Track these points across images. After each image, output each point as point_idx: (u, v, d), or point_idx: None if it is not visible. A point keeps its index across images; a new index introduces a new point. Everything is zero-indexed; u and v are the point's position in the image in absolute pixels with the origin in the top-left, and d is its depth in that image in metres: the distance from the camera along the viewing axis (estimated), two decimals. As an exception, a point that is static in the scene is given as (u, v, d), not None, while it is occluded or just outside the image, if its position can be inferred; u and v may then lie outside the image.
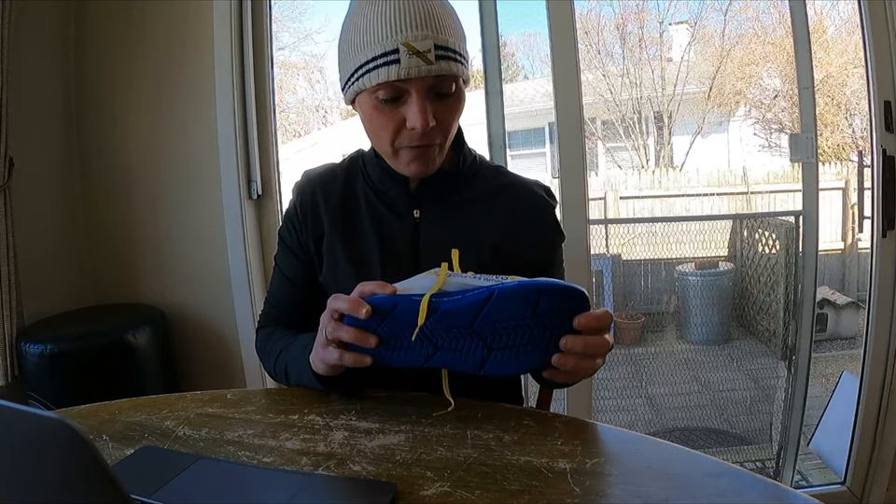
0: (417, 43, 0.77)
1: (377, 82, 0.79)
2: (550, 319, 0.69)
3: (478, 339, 0.71)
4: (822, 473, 2.22)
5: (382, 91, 0.80)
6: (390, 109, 0.82)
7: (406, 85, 0.80)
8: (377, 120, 0.84)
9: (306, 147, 6.30)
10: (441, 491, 0.63)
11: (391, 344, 0.73)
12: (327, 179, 0.99)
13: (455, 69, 0.81)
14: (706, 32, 6.28)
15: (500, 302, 0.69)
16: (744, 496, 0.61)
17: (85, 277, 2.02)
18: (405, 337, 0.72)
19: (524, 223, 0.95)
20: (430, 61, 0.78)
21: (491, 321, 0.70)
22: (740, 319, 3.97)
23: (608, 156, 6.59)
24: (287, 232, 1.01)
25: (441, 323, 0.71)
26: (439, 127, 0.83)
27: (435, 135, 0.84)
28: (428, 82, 0.80)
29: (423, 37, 0.78)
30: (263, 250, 1.96)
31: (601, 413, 3.26)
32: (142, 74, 1.94)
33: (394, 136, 0.84)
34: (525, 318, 0.69)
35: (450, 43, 0.80)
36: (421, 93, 0.80)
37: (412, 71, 0.78)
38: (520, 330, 0.70)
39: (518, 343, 0.71)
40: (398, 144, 0.85)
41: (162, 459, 0.70)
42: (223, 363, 2.01)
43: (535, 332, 0.70)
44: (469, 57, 0.87)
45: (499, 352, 0.71)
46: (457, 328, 0.71)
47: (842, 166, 5.41)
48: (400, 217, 0.94)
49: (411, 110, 0.81)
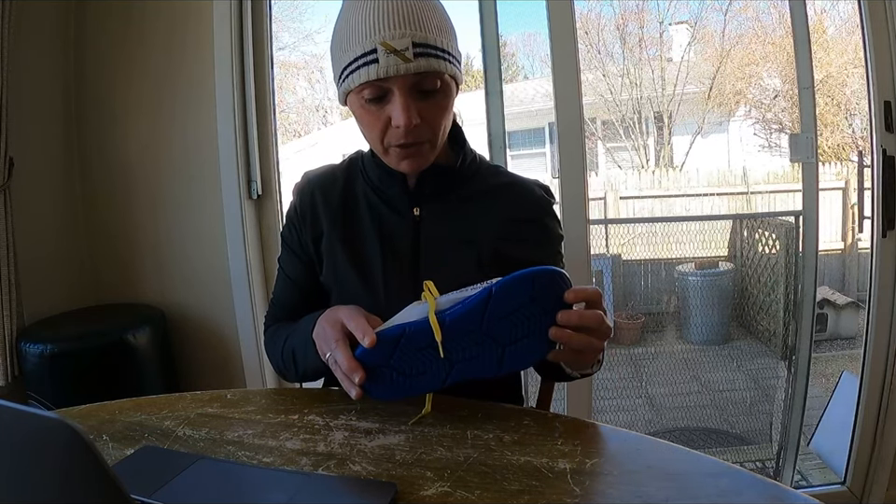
0: (395, 42, 0.78)
1: (359, 82, 0.80)
2: (548, 303, 0.72)
3: (489, 340, 0.73)
4: (822, 473, 2.22)
5: (366, 90, 0.81)
6: (376, 108, 0.83)
7: (388, 84, 0.80)
8: (365, 120, 0.85)
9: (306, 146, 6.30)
10: (441, 491, 0.63)
11: (407, 373, 0.74)
12: (326, 180, 0.99)
13: (437, 66, 0.81)
14: (706, 32, 6.28)
15: (501, 296, 0.71)
16: (744, 496, 0.61)
17: (85, 277, 2.02)
18: (419, 362, 0.73)
19: (523, 222, 0.95)
20: (408, 59, 0.78)
21: (497, 318, 0.72)
22: (740, 319, 3.97)
23: (608, 156, 6.59)
24: (288, 233, 1.01)
25: (451, 334, 0.72)
26: (426, 124, 0.83)
27: (423, 133, 0.84)
28: (410, 80, 0.80)
29: (400, 35, 0.78)
30: (263, 250, 1.96)
31: (601, 412, 3.26)
32: (142, 74, 1.94)
33: (382, 135, 0.85)
34: (526, 306, 0.72)
35: (430, 40, 0.80)
36: (403, 91, 0.80)
37: (390, 70, 0.78)
38: (525, 320, 0.72)
39: (527, 332, 0.72)
40: (387, 142, 0.85)
41: (162, 459, 0.70)
42: (223, 363, 2.01)
43: (539, 319, 0.72)
44: (460, 53, 0.87)
45: (512, 346, 0.73)
46: (468, 334, 0.72)
47: (842, 166, 5.41)
48: (401, 215, 0.94)
49: (394, 109, 0.81)
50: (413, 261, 0.93)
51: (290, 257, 1.01)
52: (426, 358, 0.73)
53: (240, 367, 1.98)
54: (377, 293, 0.91)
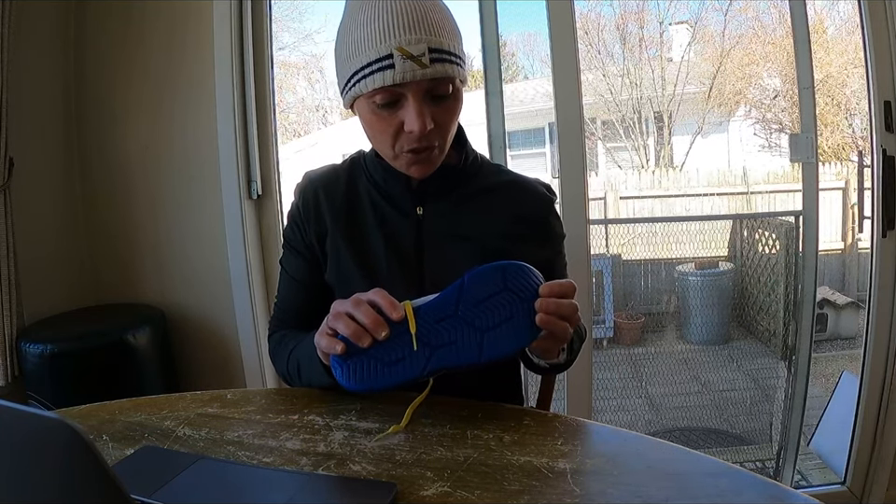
0: (411, 47, 0.77)
1: (373, 88, 0.80)
2: (523, 292, 0.75)
3: (466, 325, 0.74)
4: (822, 473, 2.22)
5: (379, 96, 0.81)
6: (388, 114, 0.82)
7: (402, 89, 0.80)
8: (376, 125, 0.85)
9: (306, 146, 6.30)
10: (441, 491, 0.63)
11: (387, 360, 0.74)
12: (329, 179, 0.99)
13: (451, 71, 0.81)
14: (706, 32, 6.27)
15: (473, 284, 0.75)
16: (744, 496, 0.61)
17: (85, 277, 2.02)
18: (398, 349, 0.74)
19: (525, 220, 0.95)
20: (425, 64, 0.78)
21: (472, 304, 0.74)
22: (740, 319, 3.97)
23: (608, 156, 6.59)
24: (291, 233, 1.01)
25: (427, 319, 0.74)
26: (437, 129, 0.83)
27: (434, 138, 0.84)
28: (424, 85, 0.80)
29: (416, 41, 0.78)
30: (263, 250, 1.96)
31: (601, 412, 3.26)
32: (142, 74, 1.94)
33: (393, 140, 0.84)
34: (500, 293, 0.74)
35: (444, 45, 0.80)
36: (418, 97, 0.80)
37: (406, 75, 0.78)
38: (501, 306, 0.74)
39: (503, 318, 0.74)
40: (398, 147, 0.85)
41: (162, 459, 0.70)
42: (223, 363, 2.01)
43: (515, 306, 0.74)
44: (467, 57, 0.87)
45: (490, 332, 0.74)
46: (444, 319, 0.74)
47: (842, 166, 5.41)
48: (404, 213, 0.94)
49: (408, 114, 0.81)
50: (416, 260, 0.93)
51: (294, 257, 1.01)
52: (403, 344, 0.74)
53: (240, 367, 1.98)
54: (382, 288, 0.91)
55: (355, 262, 0.94)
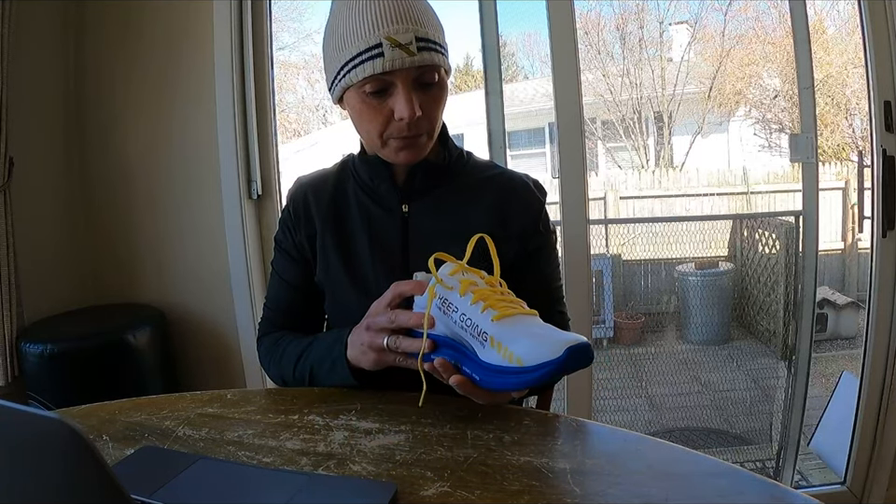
0: (399, 36, 0.81)
1: (363, 76, 0.82)
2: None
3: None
4: (822, 473, 2.22)
5: (369, 84, 0.83)
6: (378, 102, 0.85)
7: (391, 77, 0.83)
8: (366, 114, 0.87)
9: (306, 146, 6.29)
10: (441, 491, 0.63)
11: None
12: (318, 183, 1.02)
13: (437, 59, 0.84)
14: (706, 32, 6.27)
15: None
16: (744, 496, 0.61)
17: (85, 277, 2.02)
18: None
19: (511, 215, 0.96)
20: (413, 52, 0.81)
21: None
22: (740, 319, 3.97)
23: (608, 156, 6.58)
24: (282, 236, 1.03)
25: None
26: (425, 117, 0.86)
27: (422, 125, 0.87)
28: (413, 73, 0.83)
29: (404, 30, 0.81)
30: (263, 250, 1.96)
31: (601, 412, 3.26)
32: (142, 74, 1.94)
33: (383, 128, 0.87)
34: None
35: (430, 35, 0.83)
36: (406, 84, 0.83)
37: (395, 63, 0.81)
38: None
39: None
40: (386, 135, 0.87)
41: (162, 459, 0.70)
42: (223, 363, 2.01)
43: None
44: (448, 49, 0.90)
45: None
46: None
47: (842, 166, 5.40)
48: (390, 211, 0.96)
49: (398, 101, 0.84)
50: (402, 257, 0.94)
51: (285, 259, 1.02)
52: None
53: (240, 367, 1.98)
54: (368, 289, 0.92)
55: (341, 262, 0.96)
